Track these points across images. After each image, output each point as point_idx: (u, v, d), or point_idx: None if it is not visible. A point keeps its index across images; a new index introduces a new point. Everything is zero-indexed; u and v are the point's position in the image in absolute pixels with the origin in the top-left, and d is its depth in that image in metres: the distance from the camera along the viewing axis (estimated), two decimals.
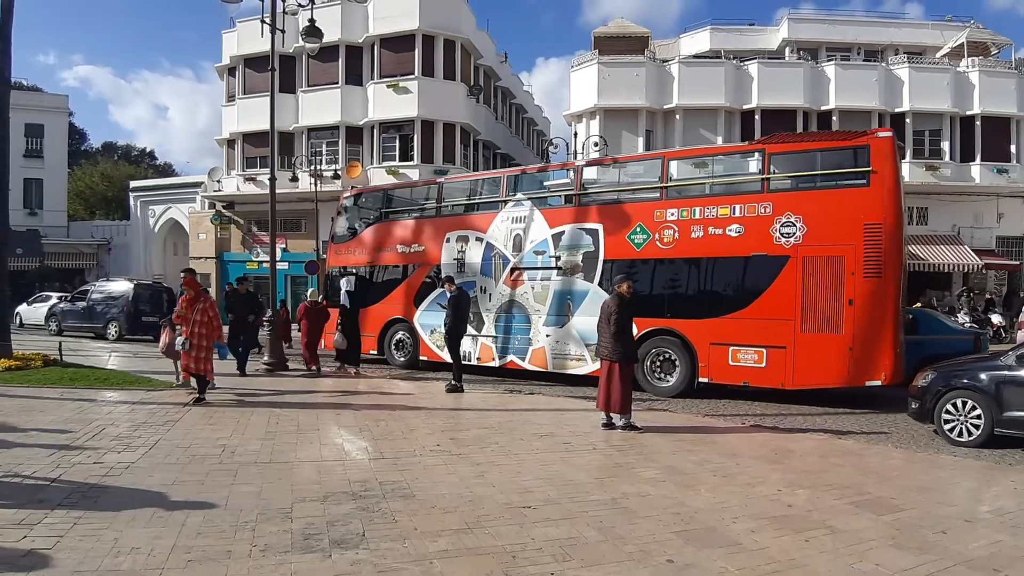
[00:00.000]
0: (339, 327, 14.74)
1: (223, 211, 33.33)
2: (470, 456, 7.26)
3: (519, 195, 14.97)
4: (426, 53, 28.54)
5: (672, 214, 12.71)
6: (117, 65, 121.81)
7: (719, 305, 12.21)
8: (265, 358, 14.76)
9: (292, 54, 28.98)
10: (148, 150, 76.56)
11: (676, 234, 12.62)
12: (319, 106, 29.90)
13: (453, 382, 12.24)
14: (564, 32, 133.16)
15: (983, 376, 8.74)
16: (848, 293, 10.92)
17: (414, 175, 27.93)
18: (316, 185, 27.54)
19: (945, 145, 27.79)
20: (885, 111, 27.52)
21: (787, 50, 30.69)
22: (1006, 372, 8.60)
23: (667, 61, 28.94)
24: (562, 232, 13.98)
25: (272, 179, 15.38)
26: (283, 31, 15.29)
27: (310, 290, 15.71)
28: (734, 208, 12.12)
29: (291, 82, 29.69)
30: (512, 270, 14.61)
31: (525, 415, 10.09)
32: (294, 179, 27.94)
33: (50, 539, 4.54)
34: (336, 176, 28.58)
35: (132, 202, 40.45)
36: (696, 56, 30.60)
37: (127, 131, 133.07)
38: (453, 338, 12.47)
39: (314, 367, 14.81)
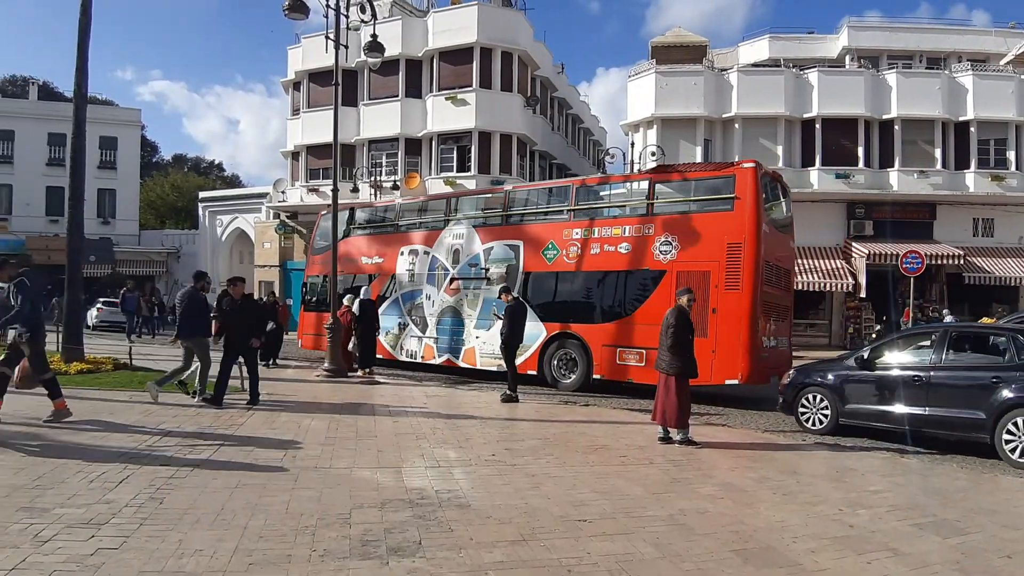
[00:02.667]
0: (354, 334, 15.35)
1: (287, 221, 34.21)
2: (525, 467, 7.26)
3: (459, 215, 17.15)
4: (484, 66, 28.80)
5: (577, 233, 14.61)
6: (192, 80, 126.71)
7: (610, 312, 13.99)
8: (326, 364, 15.06)
9: (354, 68, 29.62)
10: (217, 162, 79.47)
11: (579, 250, 14.50)
12: (380, 119, 30.46)
13: (508, 392, 12.26)
14: (627, 43, 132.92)
15: (830, 375, 10.35)
16: (712, 303, 12.45)
17: (471, 185, 28.16)
18: (376, 196, 28.06)
19: (1011, 155, 26.71)
20: (949, 120, 26.59)
21: (847, 58, 29.91)
22: (847, 372, 10.18)
23: (726, 70, 28.56)
24: (491, 247, 15.96)
25: (335, 190, 15.73)
26: (346, 46, 15.65)
27: (347, 296, 16.04)
28: (624, 228, 14.03)
29: (353, 96, 30.31)
30: (451, 280, 16.61)
31: (580, 427, 10.04)
32: (355, 190, 28.58)
33: (117, 539, 4.69)
34: (395, 187, 29.08)
35: (201, 212, 41.89)
36: (755, 65, 30.10)
37: (199, 144, 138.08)
38: (509, 348, 12.51)
39: (364, 371, 15.18)
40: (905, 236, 25.65)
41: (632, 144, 28.15)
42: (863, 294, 25.01)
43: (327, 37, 15.09)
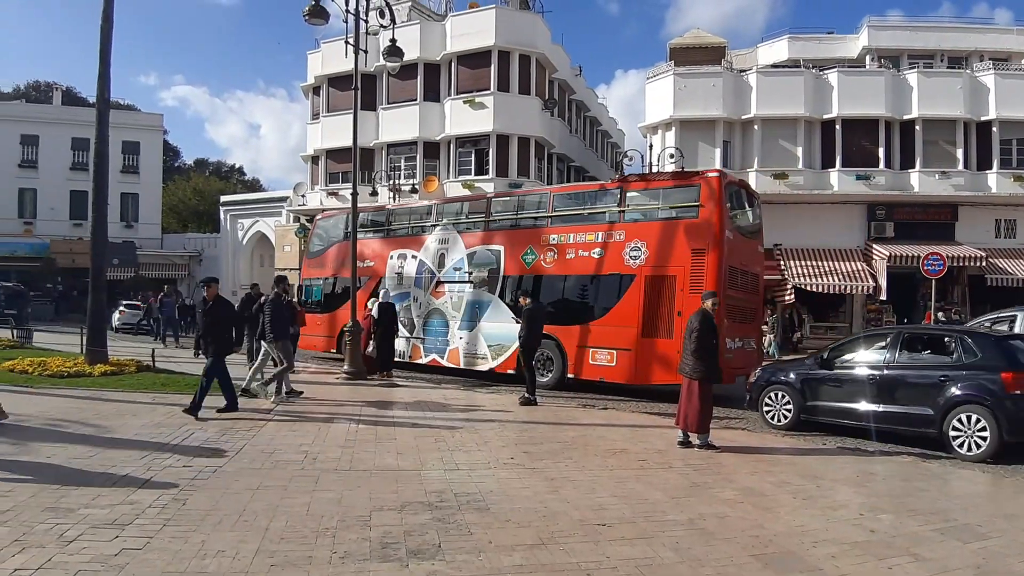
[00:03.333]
0: (372, 337, 15.44)
1: (307, 224, 34.45)
2: (544, 470, 7.26)
3: (444, 220, 17.69)
4: (501, 69, 28.84)
5: (554, 239, 15.20)
6: (213, 85, 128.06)
7: (583, 314, 14.52)
8: (345, 367, 15.14)
9: (373, 73, 29.79)
10: (237, 166, 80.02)
11: (555, 255, 15.11)
12: (398, 122, 30.59)
13: (526, 395, 12.27)
14: (646, 44, 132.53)
15: (792, 374, 10.93)
16: (678, 306, 12.93)
17: (489, 188, 28.17)
18: (395, 199, 28.19)
19: None
20: (971, 119, 26.16)
21: (868, 58, 29.56)
22: (808, 371, 10.74)
23: (745, 71, 28.35)
24: (475, 252, 16.59)
25: (354, 194, 15.82)
26: (365, 51, 15.76)
27: (370, 299, 16.18)
28: (597, 235, 14.56)
29: (372, 100, 30.47)
30: (437, 283, 17.19)
31: (598, 430, 10.02)
32: (374, 193, 28.72)
33: (141, 539, 4.76)
34: (414, 190, 29.19)
35: (222, 216, 42.29)
36: (774, 66, 29.86)
37: (221, 148, 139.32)
38: (526, 351, 12.53)
39: (383, 374, 15.33)
40: (926, 238, 25.32)
41: (650, 146, 28.04)
42: (884, 296, 24.73)
43: (347, 42, 15.20)
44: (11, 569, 4.20)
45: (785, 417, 10.81)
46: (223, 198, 44.60)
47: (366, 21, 15.78)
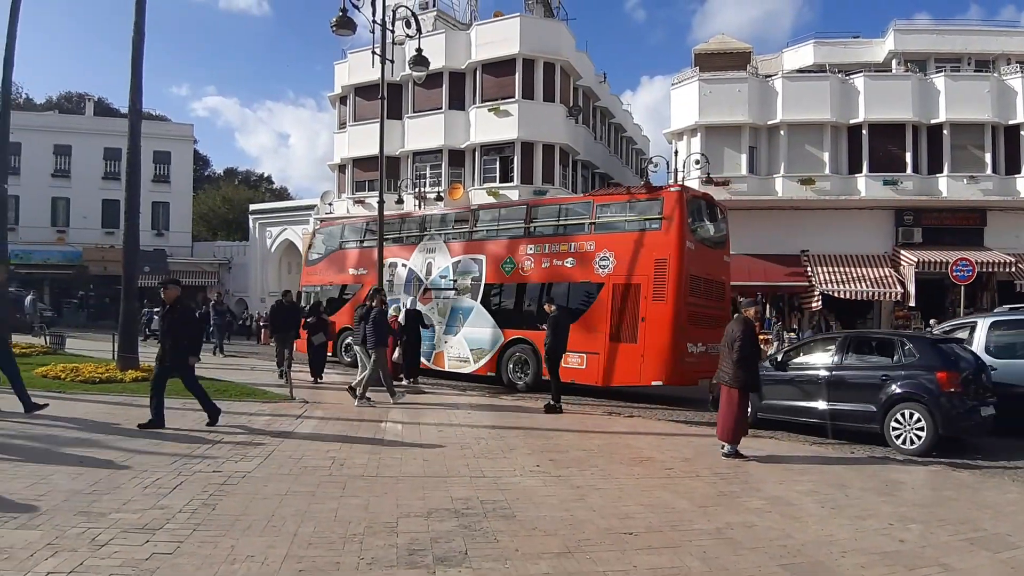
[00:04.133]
0: (398, 344, 15.56)
1: None
2: (569, 478, 7.24)
3: (433, 231, 18.62)
4: (526, 76, 28.93)
5: (531, 249, 16.10)
6: (244, 96, 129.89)
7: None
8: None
9: (399, 82, 30.02)
10: (266, 175, 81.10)
11: (532, 264, 15.99)
12: (424, 131, 30.81)
13: (552, 402, 12.25)
14: (672, 50, 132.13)
15: None
16: (642, 312, 13.88)
17: (514, 196, 28.27)
18: (420, 207, 28.35)
19: None
20: (999, 123, 25.66)
21: (894, 62, 29.15)
22: (764, 372, 10.60)
23: (770, 76, 28.13)
24: (459, 261, 17.47)
25: (380, 202, 15.95)
26: (392, 61, 15.90)
27: (394, 306, 16.33)
28: (570, 245, 15.51)
29: (397, 108, 30.71)
30: (424, 290, 18.03)
31: (624, 438, 9.98)
32: (400, 201, 28.93)
33: (171, 544, 4.81)
34: (439, 198, 29.35)
35: (251, 224, 42.84)
36: (800, 70, 29.59)
37: (252, 158, 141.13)
38: (552, 357, 12.51)
39: (408, 381, 15.55)
40: (955, 243, 24.87)
41: (675, 152, 27.93)
42: (912, 303, 24.34)
43: (373, 52, 15.35)
44: (44, 572, 4.26)
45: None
46: (252, 206, 45.18)
47: (392, 31, 15.94)
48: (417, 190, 29.94)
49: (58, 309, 37.90)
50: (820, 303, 24.14)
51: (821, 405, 10.56)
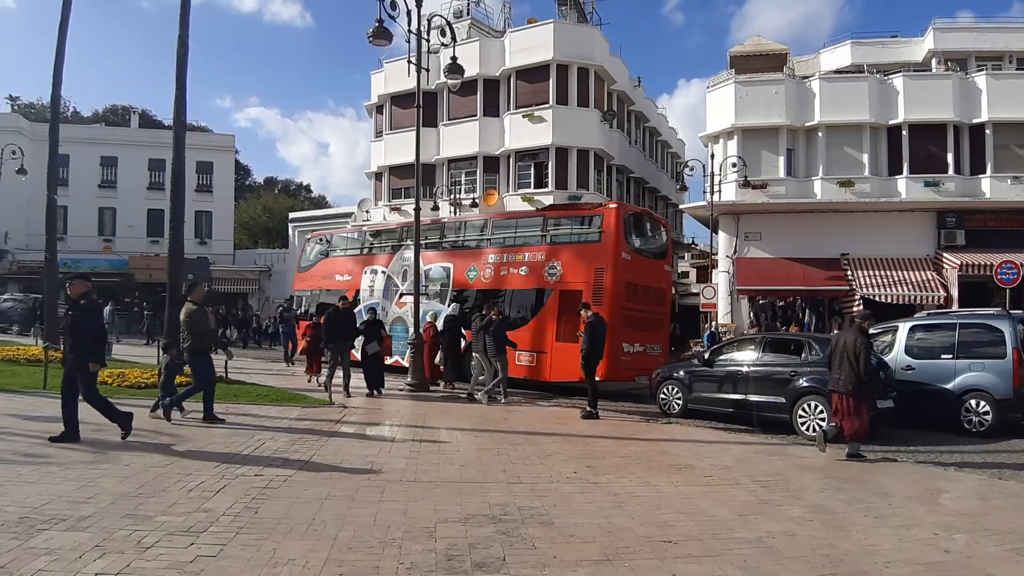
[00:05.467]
0: (441, 349, 16.12)
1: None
2: (607, 485, 7.21)
3: (408, 241, 19.38)
4: (560, 82, 28.92)
5: (491, 258, 17.68)
6: (285, 106, 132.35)
7: (512, 322, 16.05)
8: (408, 379, 15.36)
9: (434, 90, 30.25)
10: (305, 184, 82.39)
11: (492, 272, 17.46)
12: (459, 138, 30.98)
13: (588, 408, 12.21)
14: (710, 53, 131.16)
15: (681, 371, 13.31)
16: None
17: (548, 201, 28.24)
18: (456, 213, 28.51)
19: None
20: None
21: (934, 61, 28.41)
22: (694, 368, 13.04)
23: (807, 78, 27.68)
24: (430, 268, 18.83)
25: (416, 209, 16.11)
26: (427, 70, 16.05)
27: (430, 312, 16.48)
28: (525, 255, 17.01)
29: (433, 116, 30.93)
30: (400, 295, 19.22)
31: (662, 445, 9.90)
32: (435, 208, 29.11)
33: (215, 547, 4.90)
34: (474, 204, 29.47)
35: (290, 231, 43.54)
36: (837, 71, 29.03)
37: (293, 167, 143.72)
38: (589, 364, 12.48)
39: (443, 383, 15.79)
40: (999, 245, 24.05)
41: (712, 156, 27.66)
42: (955, 307, 23.69)
43: (409, 61, 15.51)
44: (92, 574, 4.37)
45: (676, 407, 12.99)
46: (291, 215, 45.93)
47: (427, 40, 16.09)
48: (452, 197, 30.12)
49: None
50: (861, 307, 23.66)
51: (740, 397, 11.97)
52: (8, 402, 11.26)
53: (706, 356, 13.16)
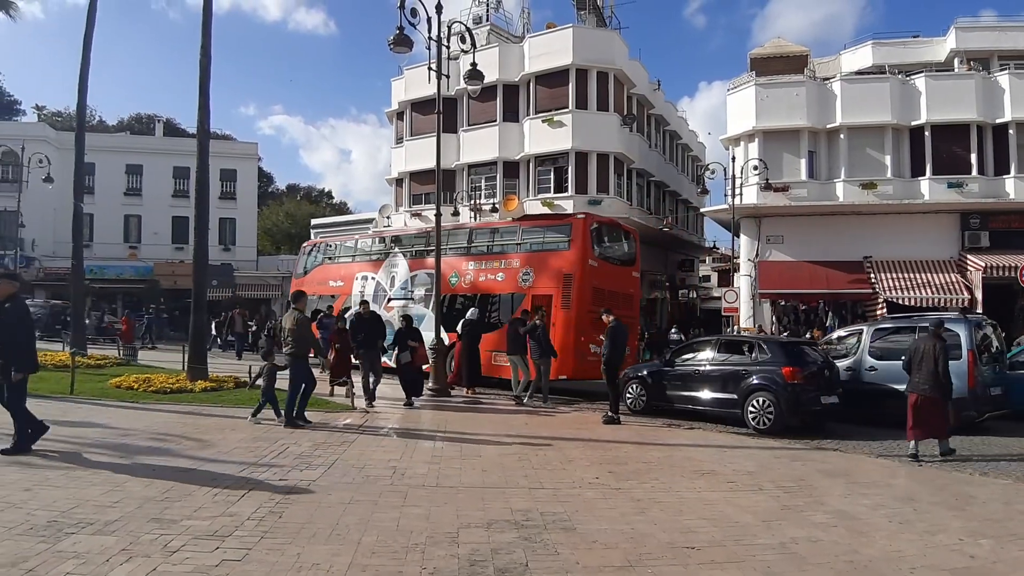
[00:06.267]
0: (460, 354, 16.40)
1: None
2: (630, 491, 7.19)
3: (396, 249, 21.25)
4: (580, 87, 28.90)
5: (471, 265, 18.75)
6: (308, 114, 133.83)
7: (489, 325, 17.09)
8: (429, 384, 15.40)
9: (454, 96, 30.31)
10: (327, 190, 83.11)
11: (472, 278, 18.53)
12: (479, 143, 31.05)
13: (610, 413, 12.18)
14: (732, 55, 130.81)
15: (645, 371, 14.28)
16: (553, 319, 15.91)
17: (569, 206, 28.23)
18: (476, 218, 28.58)
19: None
20: None
21: (956, 61, 27.97)
22: (657, 368, 14.11)
23: (828, 79, 27.42)
24: (416, 275, 19.93)
25: (437, 214, 16.19)
26: (447, 76, 16.12)
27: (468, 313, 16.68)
28: (501, 262, 18.03)
29: (453, 122, 31.02)
30: (388, 299, 20.08)
31: (685, 451, 9.85)
32: (456, 213, 29.21)
33: (240, 551, 4.95)
34: (494, 209, 29.50)
35: (312, 237, 43.80)
36: (858, 72, 28.70)
37: (316, 174, 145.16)
38: (610, 368, 12.45)
39: (468, 390, 15.76)
40: None
41: (733, 159, 27.49)
42: (979, 309, 23.28)
43: (429, 68, 15.60)
44: None
45: (641, 404, 13.81)
46: (313, 221, 46.31)
47: (447, 47, 16.17)
48: (472, 202, 30.19)
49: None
50: (884, 310, 23.37)
51: (698, 394, 12.91)
52: (36, 407, 11.32)
53: (667, 357, 14.31)
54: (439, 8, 15.31)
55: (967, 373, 11.77)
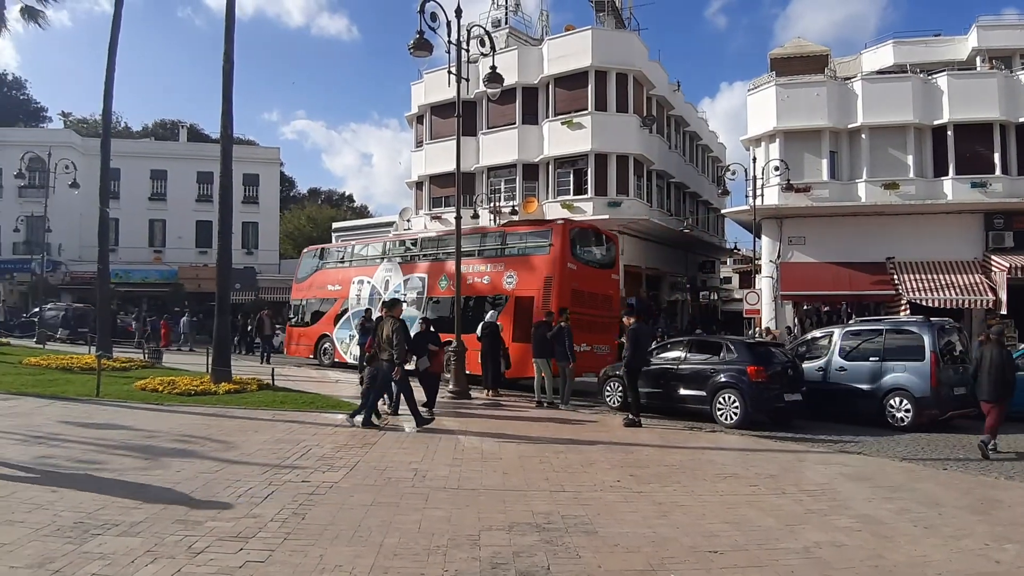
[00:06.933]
0: (481, 356, 16.33)
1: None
2: (651, 494, 7.16)
3: (390, 254, 22.12)
4: (599, 88, 28.85)
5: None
6: (330, 118, 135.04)
7: (476, 325, 17.13)
8: (450, 386, 15.44)
9: (473, 99, 30.43)
10: (347, 194, 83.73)
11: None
12: (498, 146, 31.11)
13: (631, 416, 12.13)
14: (753, 57, 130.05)
15: (622, 370, 13.76)
16: (534, 319, 16.17)
17: (588, 208, 28.22)
18: (495, 221, 28.62)
19: None
20: None
21: (978, 60, 27.58)
22: None
23: (849, 79, 27.14)
24: (409, 279, 20.84)
25: (457, 217, 16.24)
26: (467, 79, 16.17)
27: (489, 312, 16.77)
28: (487, 266, 18.83)
29: (472, 125, 31.09)
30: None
31: (707, 454, 9.80)
32: (475, 216, 29.27)
33: (263, 552, 5.01)
34: (514, 212, 29.54)
35: (334, 241, 44.13)
36: (880, 72, 28.36)
37: (337, 178, 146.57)
38: (631, 371, 12.41)
39: (489, 392, 15.79)
40: None
41: (753, 159, 27.29)
42: (1004, 311, 22.89)
43: (449, 72, 15.66)
44: None
45: (619, 400, 14.30)
46: (335, 224, 46.64)
47: (467, 51, 16.21)
48: (492, 205, 30.24)
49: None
50: (908, 312, 23.07)
51: (672, 391, 13.55)
52: (63, 409, 11.62)
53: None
54: (458, 12, 15.37)
55: (930, 373, 12.59)
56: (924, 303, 22.72)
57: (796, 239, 26.08)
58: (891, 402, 12.94)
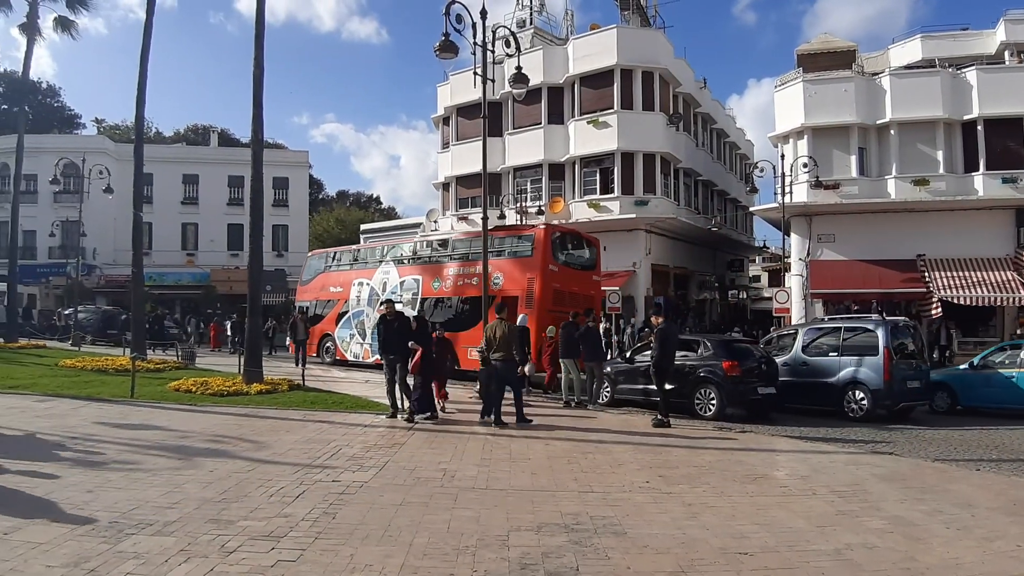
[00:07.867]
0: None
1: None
2: (681, 495, 7.12)
3: (389, 257, 23.18)
4: (624, 87, 28.76)
5: (451, 270, 20.67)
6: (359, 121, 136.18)
7: (466, 323, 18.96)
8: (477, 387, 15.46)
9: (499, 100, 30.48)
10: (375, 196, 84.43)
11: (452, 282, 20.44)
12: (524, 146, 31.15)
13: (660, 416, 12.07)
14: (781, 53, 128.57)
15: (609, 367, 15.48)
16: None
17: (615, 207, 28.15)
18: (522, 221, 28.65)
19: None
20: None
21: (1006, 54, 26.95)
22: (619, 364, 15.52)
23: (877, 74, 26.72)
24: (404, 280, 21.87)
25: (484, 218, 16.24)
26: (492, 80, 16.21)
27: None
28: (476, 268, 18.88)
29: (498, 126, 31.15)
30: (380, 303, 19.79)
31: (736, 455, 9.71)
32: (502, 216, 29.29)
33: (295, 552, 5.07)
34: (540, 212, 29.55)
35: (362, 242, 44.49)
36: (907, 67, 27.85)
37: (366, 180, 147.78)
38: (660, 372, 12.32)
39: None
40: None
41: (782, 156, 26.99)
42: None
43: (475, 73, 15.70)
44: None
45: (606, 397, 15.04)
46: (363, 226, 47.05)
47: (492, 51, 16.24)
48: (519, 205, 30.26)
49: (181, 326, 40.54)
50: (939, 310, 22.65)
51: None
52: (98, 410, 11.86)
53: (628, 355, 15.66)
54: (483, 14, 15.39)
55: (883, 367, 13.54)
56: (955, 301, 22.34)
57: (825, 236, 25.78)
58: (849, 395, 13.94)
